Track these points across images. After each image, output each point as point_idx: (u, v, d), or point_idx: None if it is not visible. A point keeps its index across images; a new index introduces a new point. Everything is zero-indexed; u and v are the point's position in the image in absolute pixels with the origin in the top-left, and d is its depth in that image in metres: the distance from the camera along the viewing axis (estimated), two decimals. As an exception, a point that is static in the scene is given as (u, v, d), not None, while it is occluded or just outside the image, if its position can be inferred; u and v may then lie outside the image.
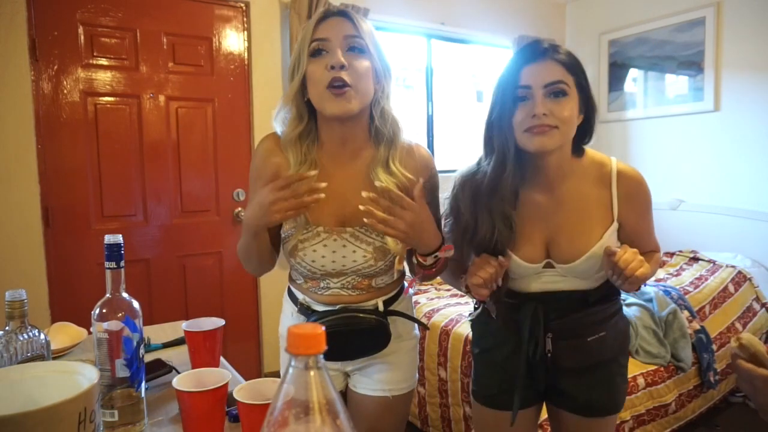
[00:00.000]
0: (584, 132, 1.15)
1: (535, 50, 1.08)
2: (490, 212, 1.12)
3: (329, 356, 1.23)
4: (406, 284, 1.27)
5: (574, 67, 1.08)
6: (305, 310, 1.21)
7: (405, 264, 1.28)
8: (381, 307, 1.18)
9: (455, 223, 1.21)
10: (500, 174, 1.11)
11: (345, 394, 1.29)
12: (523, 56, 1.09)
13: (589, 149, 1.21)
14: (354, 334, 1.14)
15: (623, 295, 1.42)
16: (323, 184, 0.99)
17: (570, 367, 1.20)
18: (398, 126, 1.15)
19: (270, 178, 1.13)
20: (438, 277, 1.24)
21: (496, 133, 1.11)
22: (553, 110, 1.05)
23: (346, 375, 1.28)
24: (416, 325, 1.30)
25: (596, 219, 1.15)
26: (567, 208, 1.16)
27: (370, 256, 1.14)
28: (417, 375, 1.32)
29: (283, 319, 1.33)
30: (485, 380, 1.31)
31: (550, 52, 1.07)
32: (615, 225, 1.15)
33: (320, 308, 1.20)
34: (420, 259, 1.11)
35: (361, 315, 1.14)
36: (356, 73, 1.06)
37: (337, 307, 1.17)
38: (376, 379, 1.23)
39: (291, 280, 1.29)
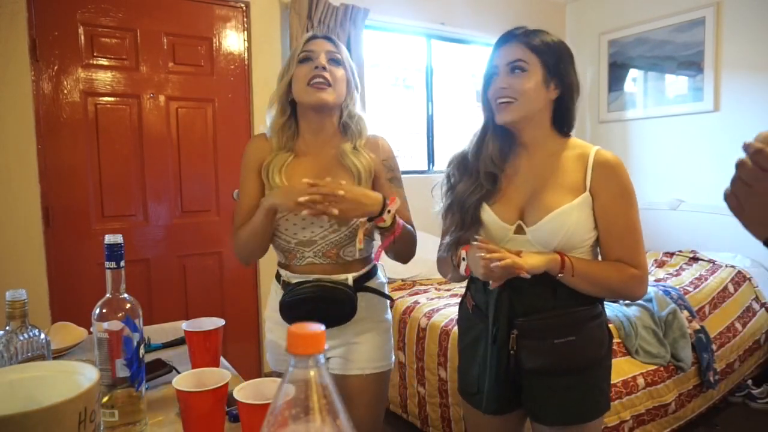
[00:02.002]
0: (561, 110, 1.23)
1: (507, 36, 1.23)
2: (477, 171, 1.26)
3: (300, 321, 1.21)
4: (374, 259, 1.42)
5: (538, 47, 1.19)
6: (285, 285, 1.36)
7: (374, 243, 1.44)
8: (351, 282, 1.32)
9: (449, 198, 1.31)
10: (483, 137, 1.28)
11: None
12: (498, 41, 1.25)
13: (576, 138, 1.28)
14: (323, 302, 1.26)
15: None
16: (341, 192, 1.18)
17: (533, 369, 1.18)
18: (364, 123, 1.40)
19: (256, 168, 1.38)
20: (438, 276, 1.28)
21: (483, 103, 1.28)
22: (512, 84, 1.19)
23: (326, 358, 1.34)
24: (389, 309, 1.45)
25: (569, 187, 1.20)
26: (544, 175, 1.23)
27: (335, 220, 1.29)
28: (393, 357, 1.43)
29: (270, 301, 1.47)
30: (465, 377, 1.35)
31: (519, 36, 1.21)
32: (586, 194, 1.18)
33: (297, 281, 1.32)
34: (377, 225, 1.26)
35: (331, 284, 1.28)
36: (334, 76, 1.32)
37: (312, 278, 1.31)
38: (351, 359, 1.36)
39: (278, 263, 1.45)
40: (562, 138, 1.26)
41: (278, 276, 1.43)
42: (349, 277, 1.33)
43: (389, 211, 1.24)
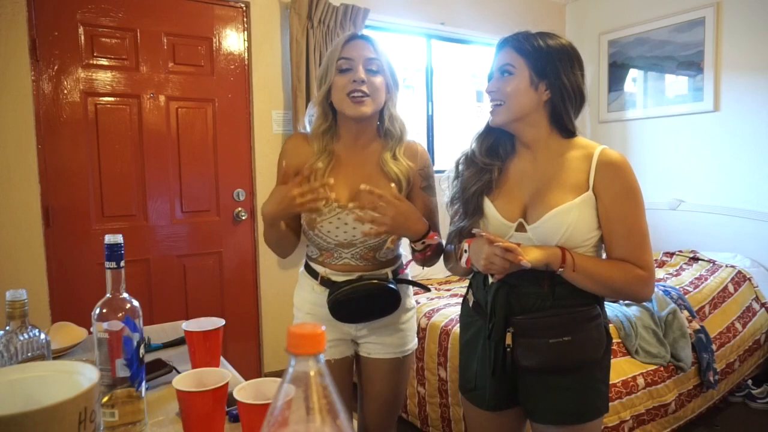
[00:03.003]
0: (557, 112, 1.23)
1: (502, 41, 1.26)
2: (481, 167, 1.30)
3: (351, 319, 1.39)
4: (403, 261, 1.50)
5: (527, 50, 1.21)
6: (327, 282, 1.41)
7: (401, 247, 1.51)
8: (391, 276, 1.41)
9: (454, 188, 1.35)
10: (484, 133, 1.32)
11: (353, 360, 1.51)
12: (496, 46, 1.28)
13: (582, 138, 1.27)
14: (371, 299, 1.35)
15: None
16: (331, 180, 1.27)
17: (529, 367, 1.18)
18: (405, 127, 1.45)
19: (294, 172, 1.39)
20: (438, 276, 1.29)
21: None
22: (500, 87, 1.23)
23: (355, 343, 1.49)
24: (412, 296, 1.55)
25: (572, 186, 1.19)
26: (549, 175, 1.23)
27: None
28: (416, 338, 1.55)
29: (300, 292, 1.50)
30: (464, 373, 1.36)
31: (511, 40, 1.24)
32: (589, 193, 1.18)
33: (340, 278, 1.39)
34: (412, 245, 1.35)
35: (377, 281, 1.35)
36: (373, 86, 1.35)
37: (355, 275, 1.38)
38: (387, 343, 1.46)
39: (308, 256, 1.50)
40: (565, 138, 1.26)
41: (310, 269, 1.46)
42: (389, 272, 1.43)
43: (424, 243, 1.33)
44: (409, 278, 1.50)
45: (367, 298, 1.34)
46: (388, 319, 1.43)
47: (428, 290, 1.60)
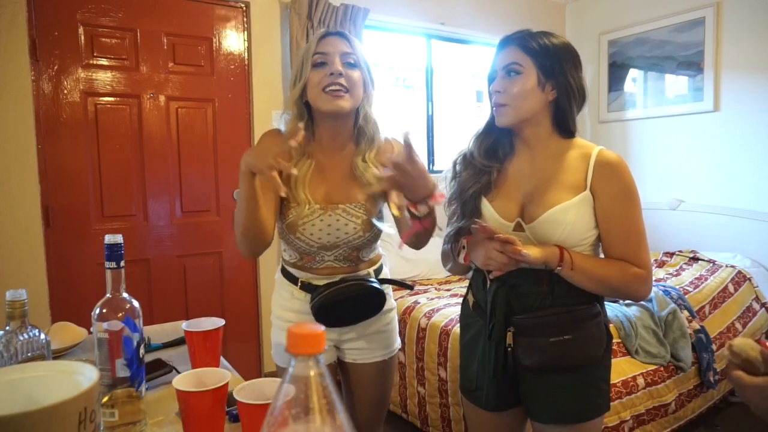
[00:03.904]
0: (560, 112, 1.22)
1: (505, 39, 1.24)
2: (479, 167, 1.28)
3: (336, 323, 1.30)
4: (383, 255, 1.47)
5: (534, 50, 1.19)
6: (308, 287, 1.36)
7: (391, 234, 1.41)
8: (373, 275, 1.39)
9: (452, 189, 1.34)
10: (484, 133, 1.31)
11: (335, 366, 1.47)
12: (498, 45, 1.26)
13: (580, 138, 1.27)
14: (356, 300, 1.31)
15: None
16: (294, 171, 1.17)
17: (530, 366, 1.18)
18: (378, 128, 1.39)
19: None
20: (437, 276, 1.28)
21: (491, 104, 1.29)
22: (507, 87, 1.20)
23: (337, 348, 1.45)
24: (392, 296, 1.50)
25: (570, 185, 1.19)
26: (546, 174, 1.23)
27: (360, 227, 1.33)
28: (398, 338, 1.51)
29: (278, 300, 1.44)
30: (465, 373, 1.36)
31: (516, 39, 1.22)
32: (586, 193, 1.18)
33: (321, 282, 1.34)
34: (413, 210, 1.16)
35: (361, 282, 1.31)
36: (351, 80, 1.29)
37: (338, 278, 1.33)
38: (373, 348, 1.43)
39: (285, 261, 1.43)
40: (564, 139, 1.26)
41: (288, 275, 1.40)
42: (371, 272, 1.40)
43: (427, 204, 1.19)
44: (390, 277, 1.46)
45: (351, 300, 1.30)
46: (372, 323, 1.40)
47: (411, 288, 1.54)
